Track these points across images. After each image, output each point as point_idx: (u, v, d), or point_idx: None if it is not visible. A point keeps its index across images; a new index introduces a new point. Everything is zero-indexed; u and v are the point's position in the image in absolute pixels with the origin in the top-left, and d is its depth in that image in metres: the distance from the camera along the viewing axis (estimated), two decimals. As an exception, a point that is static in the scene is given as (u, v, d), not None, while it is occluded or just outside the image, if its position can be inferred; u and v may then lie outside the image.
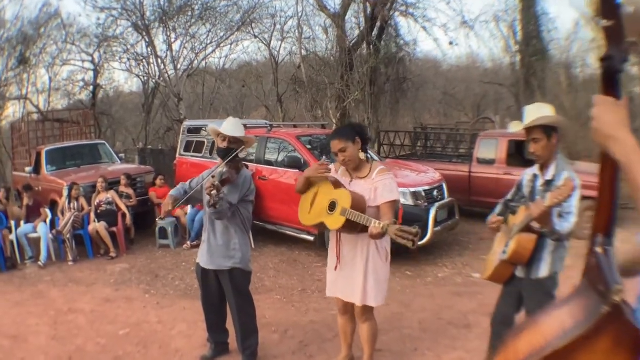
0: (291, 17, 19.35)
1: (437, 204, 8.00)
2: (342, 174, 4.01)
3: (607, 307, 1.20)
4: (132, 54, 20.17)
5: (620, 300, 1.19)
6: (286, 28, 19.89)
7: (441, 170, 9.62)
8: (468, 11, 37.29)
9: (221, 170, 4.21)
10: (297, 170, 8.33)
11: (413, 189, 7.85)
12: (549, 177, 3.53)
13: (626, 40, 1.29)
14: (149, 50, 19.75)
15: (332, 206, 3.71)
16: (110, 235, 9.23)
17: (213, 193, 3.89)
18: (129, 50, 19.99)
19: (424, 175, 8.75)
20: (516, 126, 3.68)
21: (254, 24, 19.78)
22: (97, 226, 9.14)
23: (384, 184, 3.76)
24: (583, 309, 1.27)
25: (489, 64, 25.34)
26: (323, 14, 17.42)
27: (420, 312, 5.96)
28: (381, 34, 16.43)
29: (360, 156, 3.91)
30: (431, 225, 7.73)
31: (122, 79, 39.80)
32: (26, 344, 5.59)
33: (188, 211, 9.84)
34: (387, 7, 15.89)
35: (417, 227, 3.26)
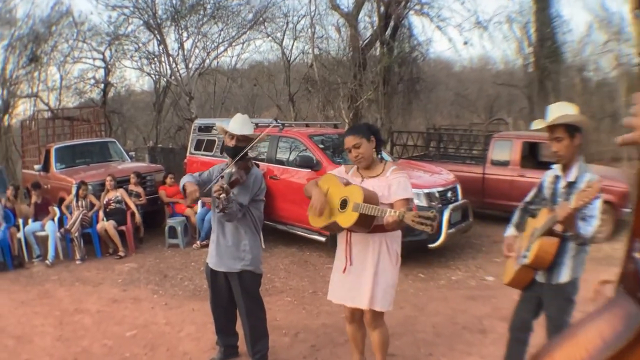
0: (304, 16, 19.36)
1: (450, 206, 7.87)
2: (353, 174, 3.92)
3: None
4: (143, 53, 20.24)
5: None
6: (298, 27, 19.95)
7: (454, 171, 9.50)
8: (482, 11, 37.10)
9: (230, 171, 4.05)
10: (309, 170, 8.21)
11: (427, 190, 7.72)
12: (571, 178, 3.42)
13: None
14: (160, 48, 19.81)
15: (344, 204, 3.62)
16: (119, 234, 9.15)
17: (222, 197, 3.75)
18: (141, 49, 20.04)
19: (437, 176, 8.61)
20: (539, 124, 3.54)
21: (266, 22, 19.76)
22: (106, 225, 9.05)
23: (398, 181, 3.68)
24: (622, 319, 1.19)
25: (501, 66, 25.30)
26: (336, 13, 17.36)
27: (434, 316, 5.84)
28: (395, 33, 16.32)
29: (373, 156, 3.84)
30: (445, 227, 7.59)
31: (134, 77, 39.97)
32: (31, 344, 5.49)
33: (198, 210, 9.73)
34: (401, 5, 15.75)
35: (434, 210, 3.13)
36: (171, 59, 19.55)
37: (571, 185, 3.40)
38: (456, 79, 26.19)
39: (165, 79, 21.43)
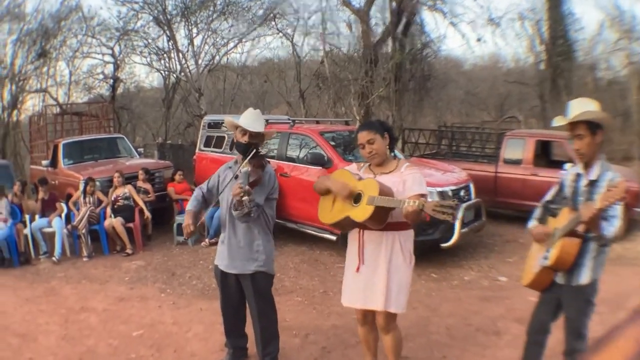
0: (315, 12, 19.29)
1: (464, 205, 7.71)
2: (365, 172, 3.82)
3: None
4: (153, 48, 20.23)
5: None
6: (309, 23, 19.86)
7: (466, 170, 9.36)
8: (495, 8, 36.95)
9: (246, 169, 3.88)
10: (320, 168, 8.07)
11: (440, 189, 7.57)
12: (592, 177, 3.31)
13: None
14: (170, 44, 19.79)
15: (357, 198, 3.52)
16: (127, 231, 9.03)
17: (245, 199, 3.59)
18: (150, 45, 20.03)
19: (450, 174, 8.48)
20: (560, 121, 3.44)
21: (276, 19, 19.70)
22: (114, 221, 8.94)
23: (413, 177, 3.61)
24: None
25: (512, 64, 25.22)
26: (347, 9, 17.27)
27: (447, 317, 5.72)
28: (407, 29, 16.23)
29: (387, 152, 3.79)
30: (458, 226, 7.45)
31: (143, 73, 40.04)
32: (35, 343, 5.38)
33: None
34: (414, 0, 15.61)
35: (456, 199, 3.03)
36: (181, 55, 19.58)
37: (593, 184, 3.30)
38: (466, 77, 26.06)
39: (174, 75, 21.46)
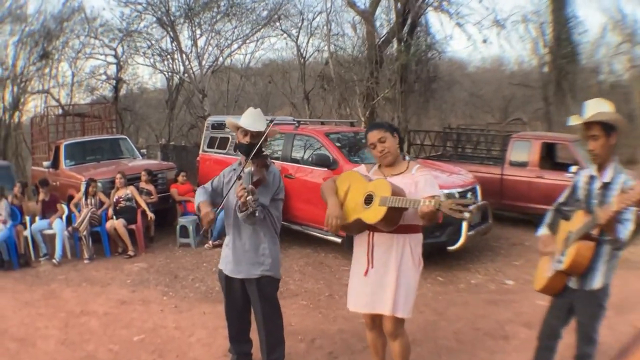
0: (319, 13, 19.23)
1: (471, 207, 7.55)
2: (375, 173, 3.72)
3: None
4: (156, 50, 20.17)
5: None
6: (314, 24, 19.87)
7: (472, 172, 9.25)
8: (500, 10, 36.95)
9: (249, 169, 3.74)
10: (325, 169, 7.98)
11: (447, 191, 7.41)
12: (606, 179, 3.27)
13: None
14: (173, 45, 19.72)
15: (369, 199, 3.43)
16: (129, 232, 8.90)
17: (249, 199, 3.45)
18: (153, 46, 19.97)
19: (456, 176, 8.37)
20: (576, 120, 3.38)
21: (281, 20, 19.65)
22: (115, 223, 8.82)
23: (425, 179, 3.53)
24: None
25: (515, 67, 25.27)
26: (352, 10, 17.20)
27: (455, 322, 5.62)
28: (412, 30, 16.11)
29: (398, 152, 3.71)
30: (465, 229, 7.33)
31: (146, 75, 40.11)
32: (34, 348, 5.26)
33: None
34: (419, 1, 15.51)
35: (473, 197, 2.95)
36: (184, 56, 19.53)
37: (606, 186, 3.26)
38: (470, 79, 26.05)
39: (178, 76, 21.40)
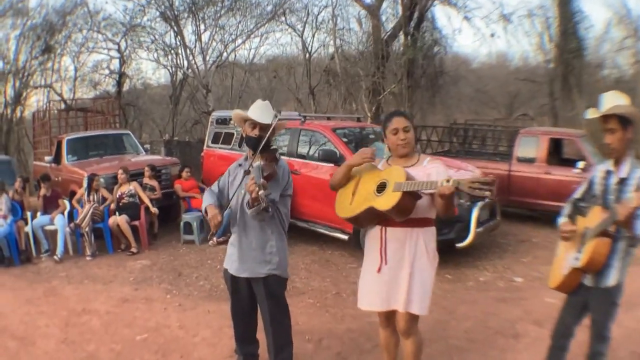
0: (324, 7, 19.10)
1: (479, 204, 7.45)
2: (384, 167, 3.63)
3: None
4: (160, 44, 20.07)
5: None
6: (319, 18, 19.73)
7: (479, 168, 9.10)
8: (507, 4, 36.85)
9: (259, 164, 3.57)
10: (332, 165, 7.86)
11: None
12: (623, 174, 3.24)
13: None
14: (177, 40, 19.61)
15: (382, 187, 3.37)
16: (132, 229, 8.78)
17: (261, 193, 3.28)
18: (157, 40, 19.86)
19: (464, 172, 8.20)
20: (593, 113, 3.33)
21: (286, 14, 19.53)
22: (118, 219, 8.69)
23: (437, 170, 3.45)
24: None
25: (520, 62, 25.19)
26: (357, 4, 17.07)
27: (465, 320, 5.50)
28: (419, 24, 15.98)
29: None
30: (473, 225, 7.23)
31: (150, 70, 40.01)
32: (33, 347, 5.14)
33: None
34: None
35: (492, 175, 2.82)
36: (188, 51, 19.39)
37: (623, 181, 3.22)
38: (475, 75, 26.02)
39: (182, 71, 21.27)
